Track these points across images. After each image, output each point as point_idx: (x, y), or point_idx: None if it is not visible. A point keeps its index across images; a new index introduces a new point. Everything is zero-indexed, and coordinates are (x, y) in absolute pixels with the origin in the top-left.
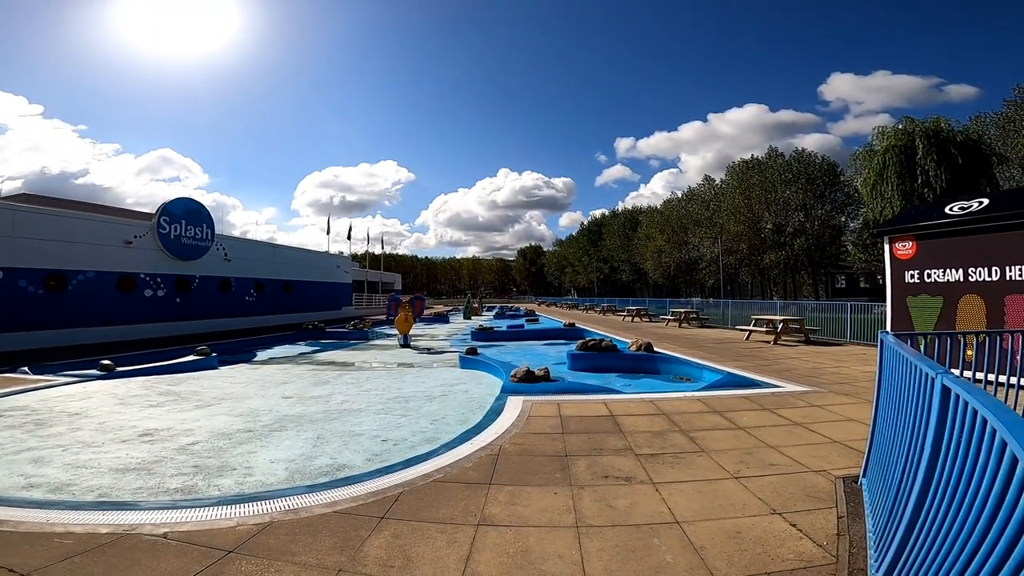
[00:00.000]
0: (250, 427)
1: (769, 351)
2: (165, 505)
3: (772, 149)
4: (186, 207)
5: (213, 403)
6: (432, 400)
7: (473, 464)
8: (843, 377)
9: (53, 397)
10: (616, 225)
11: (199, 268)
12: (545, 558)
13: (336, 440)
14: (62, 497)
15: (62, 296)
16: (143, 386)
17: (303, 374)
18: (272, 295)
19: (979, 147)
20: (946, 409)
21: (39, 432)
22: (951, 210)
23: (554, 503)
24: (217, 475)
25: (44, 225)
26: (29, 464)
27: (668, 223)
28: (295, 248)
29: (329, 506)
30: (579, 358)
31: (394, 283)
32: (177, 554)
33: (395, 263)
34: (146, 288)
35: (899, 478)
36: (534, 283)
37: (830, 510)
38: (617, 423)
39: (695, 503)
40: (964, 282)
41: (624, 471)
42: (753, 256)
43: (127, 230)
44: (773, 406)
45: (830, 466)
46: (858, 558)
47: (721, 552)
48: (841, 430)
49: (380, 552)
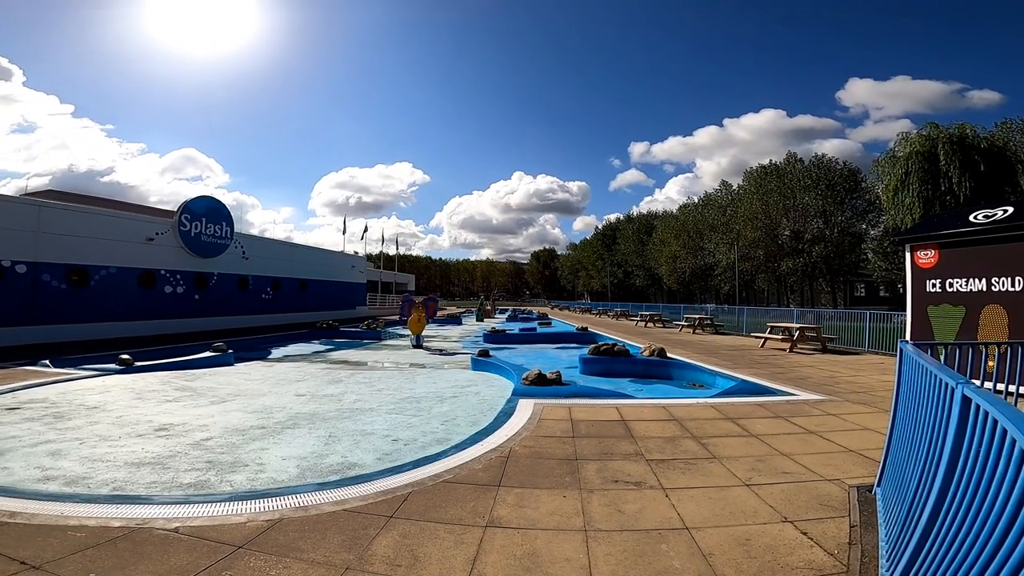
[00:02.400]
0: (263, 424)
1: (784, 359)
2: (178, 500)
3: (791, 154)
4: (207, 205)
5: (228, 399)
6: (443, 401)
7: (483, 466)
8: (860, 386)
9: (72, 390)
10: (631, 230)
11: (218, 265)
12: (553, 561)
13: (347, 439)
14: (77, 490)
15: (84, 291)
16: (160, 381)
17: (317, 372)
18: (288, 293)
19: (1004, 154)
20: (965, 419)
21: (58, 425)
22: (975, 218)
23: (563, 506)
24: (230, 471)
25: (68, 221)
26: (47, 457)
27: (684, 229)
28: (311, 248)
29: (339, 504)
30: (591, 362)
31: (408, 284)
32: (187, 549)
33: (409, 264)
34: (166, 284)
35: (915, 488)
36: (547, 286)
37: (843, 519)
38: (628, 428)
39: (705, 509)
40: (987, 292)
41: (634, 476)
42: (770, 263)
43: (149, 227)
44: (787, 414)
45: (844, 475)
46: (869, 568)
47: (730, 559)
48: (856, 439)
49: (388, 551)
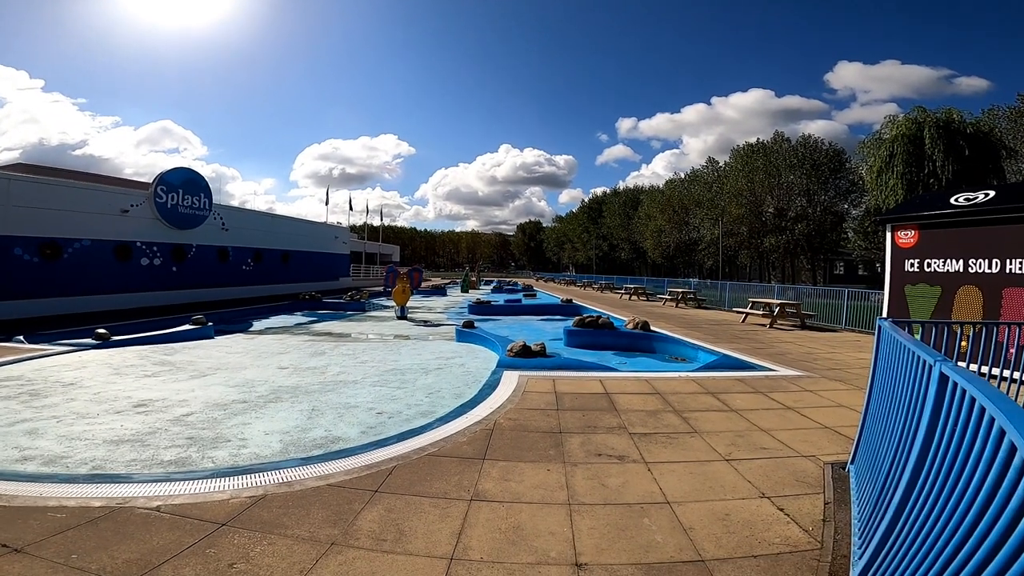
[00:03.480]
0: (245, 398)
1: (764, 334)
2: (159, 478)
3: (778, 133)
4: (183, 177)
5: (208, 373)
6: (428, 373)
7: (467, 439)
8: (836, 363)
9: (48, 367)
10: (617, 203)
11: (196, 237)
12: (537, 534)
13: (331, 412)
14: (55, 470)
15: (57, 264)
16: (138, 355)
17: (299, 345)
18: (269, 265)
19: (988, 139)
20: (942, 397)
21: (34, 403)
22: (956, 201)
23: (547, 480)
24: (211, 447)
25: (39, 194)
26: (23, 436)
27: (669, 203)
28: (293, 218)
29: (323, 479)
30: (576, 335)
31: (392, 255)
32: (170, 527)
33: (394, 235)
34: (142, 257)
35: (888, 465)
36: (532, 258)
37: (817, 496)
38: (612, 401)
39: (686, 484)
40: (963, 273)
41: (617, 450)
42: (753, 239)
43: (123, 199)
44: (766, 389)
45: (819, 451)
46: (842, 544)
47: (709, 533)
48: (832, 416)
49: (373, 526)
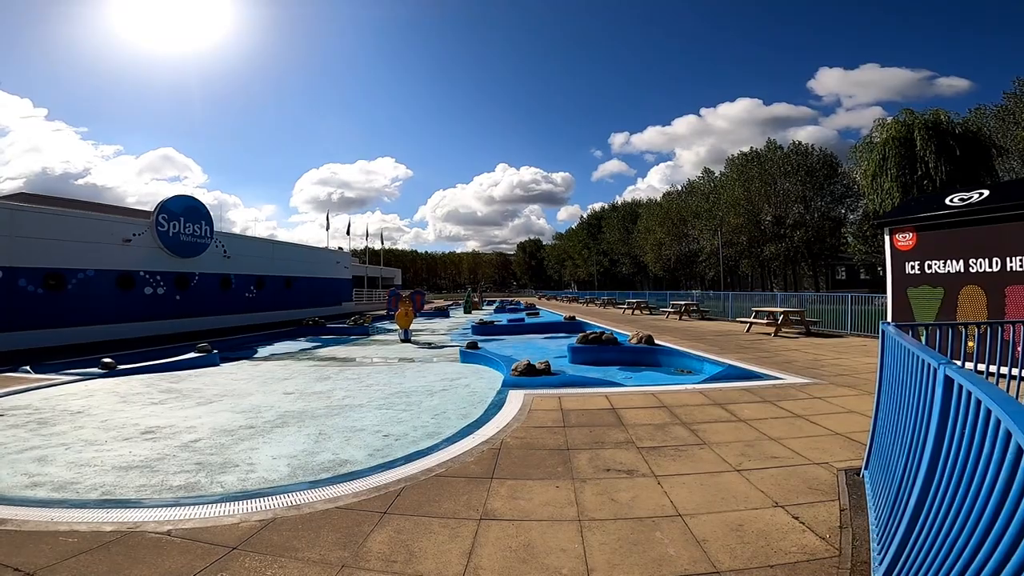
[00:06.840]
0: (252, 423)
1: (770, 343)
2: (168, 503)
3: (771, 141)
4: (184, 204)
5: (215, 400)
6: (433, 395)
7: (475, 458)
8: (844, 369)
9: (55, 396)
10: (616, 218)
11: (199, 265)
12: (548, 552)
13: (338, 436)
14: (66, 496)
15: (62, 295)
16: (145, 384)
17: (304, 370)
18: (272, 291)
19: (979, 139)
20: (949, 399)
21: (42, 431)
22: (951, 201)
23: (556, 496)
24: (220, 472)
25: (43, 224)
26: (32, 463)
27: (668, 216)
28: (295, 244)
29: (331, 502)
30: (580, 351)
31: (394, 278)
32: (181, 551)
33: (395, 258)
34: (146, 286)
35: (902, 470)
36: (534, 277)
37: (832, 503)
38: (618, 416)
39: (697, 496)
40: (965, 273)
41: (626, 464)
42: (753, 248)
43: (126, 228)
44: (774, 398)
45: (832, 458)
46: (861, 551)
47: (723, 545)
48: (843, 422)
49: (383, 547)
